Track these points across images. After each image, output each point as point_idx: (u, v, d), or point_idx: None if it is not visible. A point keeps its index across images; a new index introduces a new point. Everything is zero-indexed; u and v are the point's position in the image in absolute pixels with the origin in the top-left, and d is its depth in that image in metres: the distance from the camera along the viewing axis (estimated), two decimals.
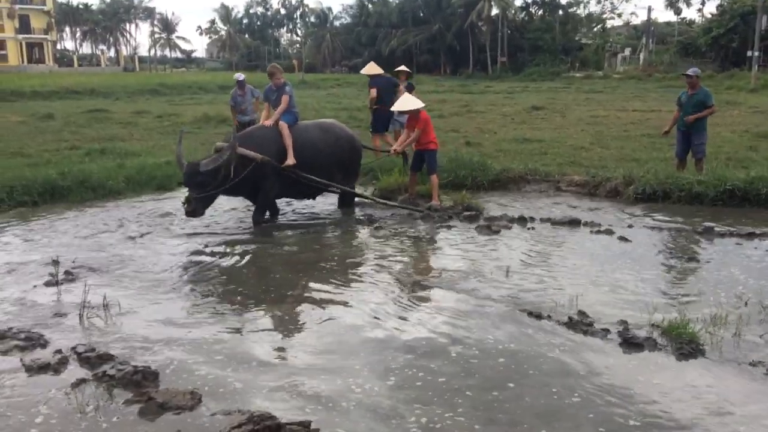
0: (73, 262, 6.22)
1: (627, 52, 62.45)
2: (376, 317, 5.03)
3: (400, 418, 3.63)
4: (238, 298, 5.51)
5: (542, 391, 3.88)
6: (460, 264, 6.30)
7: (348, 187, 8.64)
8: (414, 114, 8.73)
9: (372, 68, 12.28)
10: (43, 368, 4.14)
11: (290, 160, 7.73)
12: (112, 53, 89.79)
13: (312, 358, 4.38)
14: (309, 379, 4.07)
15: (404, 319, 5.01)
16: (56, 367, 4.17)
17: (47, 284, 5.66)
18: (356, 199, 8.87)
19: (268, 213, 8.16)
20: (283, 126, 7.87)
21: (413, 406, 3.75)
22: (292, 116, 8.10)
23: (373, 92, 11.57)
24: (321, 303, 5.37)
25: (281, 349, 4.56)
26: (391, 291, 5.62)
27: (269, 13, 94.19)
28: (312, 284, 5.81)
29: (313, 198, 8.72)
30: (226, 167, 7.22)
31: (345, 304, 5.35)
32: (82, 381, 3.98)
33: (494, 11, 63.24)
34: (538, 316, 4.91)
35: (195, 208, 7.20)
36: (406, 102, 8.86)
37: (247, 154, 7.45)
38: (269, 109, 8.26)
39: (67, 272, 5.92)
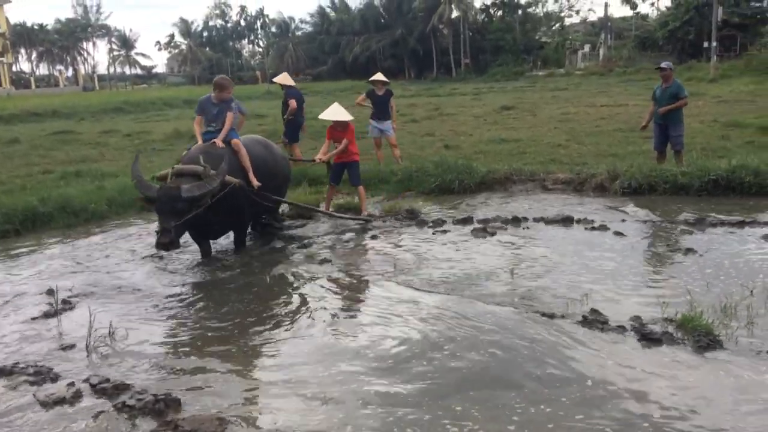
0: (70, 290, 6.05)
1: (586, 48, 63.49)
2: (404, 331, 4.91)
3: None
4: (247, 317, 5.40)
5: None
6: (465, 268, 6.28)
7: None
8: (341, 125, 8.56)
9: (287, 79, 12.53)
10: (58, 402, 4.02)
11: (255, 182, 7.09)
12: (70, 73, 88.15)
13: (348, 378, 4.27)
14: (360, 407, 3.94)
15: (436, 332, 4.91)
16: (72, 401, 4.04)
17: (46, 315, 5.50)
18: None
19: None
20: (239, 144, 7.14)
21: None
22: (234, 135, 7.35)
23: (293, 103, 11.88)
24: (339, 317, 5.28)
25: (304, 364, 4.46)
26: (405, 301, 5.53)
27: (229, 25, 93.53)
28: (323, 297, 5.76)
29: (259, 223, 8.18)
30: (209, 195, 6.41)
31: (368, 319, 5.23)
32: (101, 413, 3.87)
33: (455, 14, 63.78)
34: (552, 316, 4.93)
35: (173, 239, 6.27)
36: (336, 112, 8.61)
37: (229, 180, 6.69)
38: (201, 124, 7.30)
39: (65, 301, 5.76)
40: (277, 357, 4.66)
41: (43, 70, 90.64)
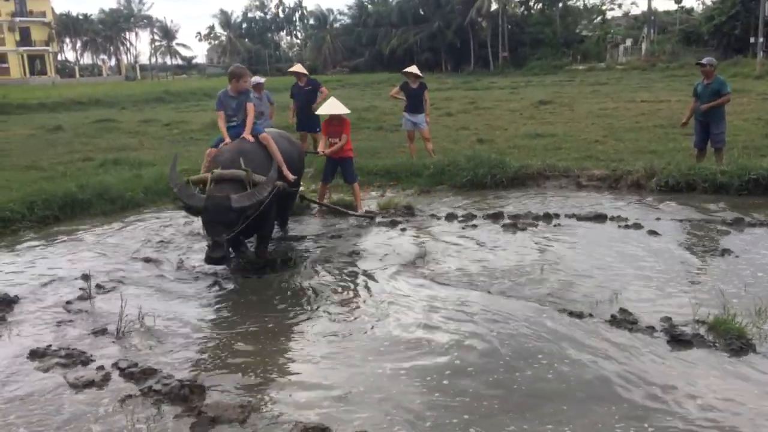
0: (105, 276, 6.18)
1: (628, 42, 62.25)
2: (456, 333, 4.78)
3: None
4: (279, 306, 5.45)
5: None
6: (494, 264, 6.24)
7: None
8: (337, 119, 8.38)
9: (302, 68, 12.62)
10: (87, 385, 4.12)
11: (290, 176, 6.78)
12: (112, 62, 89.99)
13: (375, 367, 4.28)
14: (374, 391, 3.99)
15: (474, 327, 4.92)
16: (101, 384, 4.14)
17: (80, 299, 5.62)
18: None
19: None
20: (268, 139, 6.70)
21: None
22: (260, 129, 6.91)
23: (326, 90, 12.16)
24: (377, 315, 5.20)
25: (329, 357, 4.48)
26: (447, 300, 5.44)
27: (268, 16, 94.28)
28: (356, 294, 5.73)
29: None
30: (259, 204, 5.92)
31: (399, 312, 5.17)
32: (128, 397, 3.95)
33: (494, 6, 63.18)
34: (580, 315, 4.86)
35: (225, 253, 5.75)
36: (332, 106, 8.42)
37: (278, 185, 6.34)
38: (224, 119, 6.83)
39: (98, 286, 5.89)
40: (306, 351, 4.64)
41: (87, 59, 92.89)
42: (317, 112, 8.88)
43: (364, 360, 4.40)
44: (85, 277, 6.02)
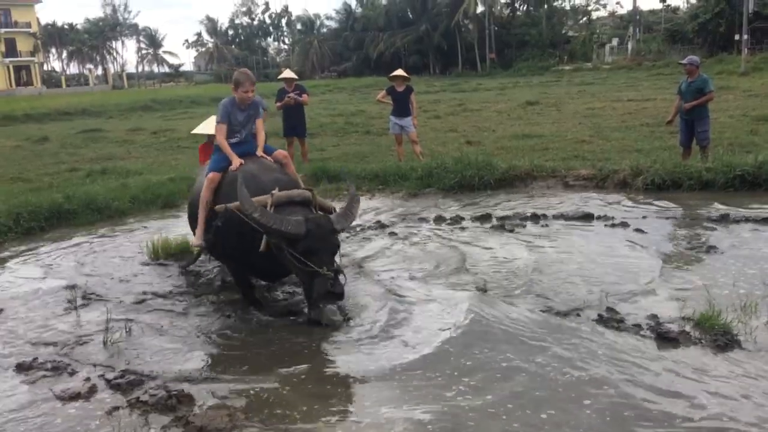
0: (91, 287, 6.13)
1: (614, 42, 62.64)
2: (416, 326, 4.90)
3: None
4: (266, 316, 5.40)
5: None
6: (482, 265, 6.24)
7: None
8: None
9: (291, 73, 12.88)
10: (74, 398, 4.08)
11: None
12: (99, 72, 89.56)
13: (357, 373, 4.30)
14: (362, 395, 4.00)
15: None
16: (87, 396, 4.11)
17: (66, 310, 5.59)
18: None
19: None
20: (288, 157, 6.17)
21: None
22: (272, 147, 6.31)
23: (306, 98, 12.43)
24: (358, 315, 5.21)
25: (319, 365, 4.47)
26: (425, 298, 5.47)
27: (255, 23, 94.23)
28: (348, 297, 5.62)
29: None
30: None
31: (390, 316, 5.14)
32: (115, 408, 3.92)
33: (480, 9, 63.42)
34: (566, 315, 4.87)
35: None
36: (209, 125, 7.45)
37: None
38: (224, 133, 5.75)
39: (85, 297, 5.86)
40: (295, 360, 4.60)
41: (73, 69, 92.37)
42: (192, 132, 8.24)
43: (353, 367, 4.38)
44: (71, 288, 5.98)
